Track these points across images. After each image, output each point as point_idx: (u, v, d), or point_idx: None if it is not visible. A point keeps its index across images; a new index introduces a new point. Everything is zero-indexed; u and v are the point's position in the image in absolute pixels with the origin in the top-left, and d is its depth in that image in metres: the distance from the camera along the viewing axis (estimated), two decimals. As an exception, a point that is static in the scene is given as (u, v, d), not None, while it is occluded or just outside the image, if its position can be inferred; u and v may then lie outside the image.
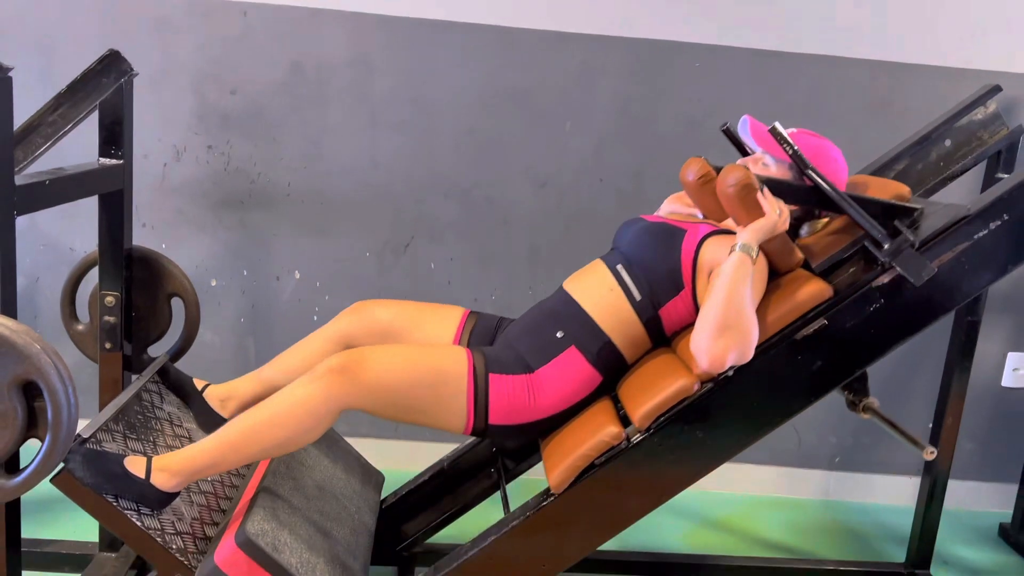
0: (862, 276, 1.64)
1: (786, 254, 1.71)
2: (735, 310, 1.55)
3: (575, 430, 1.68)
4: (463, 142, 2.69)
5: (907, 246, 1.57)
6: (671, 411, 1.61)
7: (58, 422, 1.39)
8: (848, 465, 2.96)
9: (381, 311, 1.89)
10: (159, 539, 1.56)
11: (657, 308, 1.74)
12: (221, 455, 1.59)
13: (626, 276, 1.75)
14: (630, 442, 1.62)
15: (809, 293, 1.62)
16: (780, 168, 1.76)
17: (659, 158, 2.72)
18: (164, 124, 2.63)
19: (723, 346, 1.54)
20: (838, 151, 1.79)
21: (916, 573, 2.38)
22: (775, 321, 1.62)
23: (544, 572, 1.68)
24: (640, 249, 1.77)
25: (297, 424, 1.59)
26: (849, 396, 1.78)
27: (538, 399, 1.69)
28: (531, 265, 2.78)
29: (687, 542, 2.57)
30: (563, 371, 1.70)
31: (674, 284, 1.72)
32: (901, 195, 1.73)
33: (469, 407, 1.66)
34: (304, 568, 1.59)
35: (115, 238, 1.94)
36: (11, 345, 1.36)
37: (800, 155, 1.64)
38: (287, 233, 2.71)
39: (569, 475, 1.62)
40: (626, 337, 1.74)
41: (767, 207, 1.61)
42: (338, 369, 1.59)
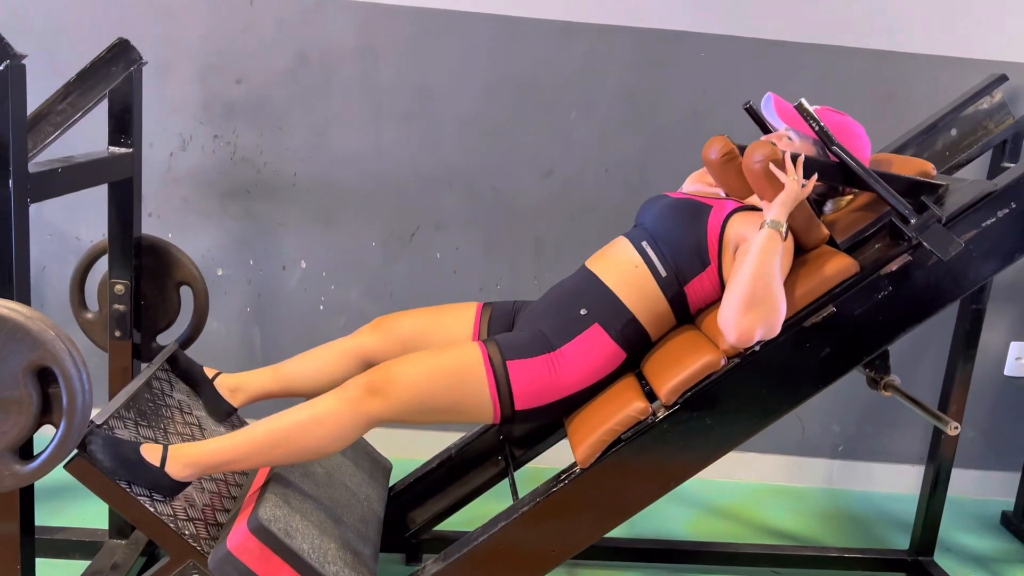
0: (888, 252, 1.65)
1: (812, 229, 1.71)
2: (764, 285, 1.55)
3: (601, 406, 1.68)
4: (468, 132, 2.69)
5: (934, 221, 1.57)
6: (698, 386, 1.62)
7: (73, 408, 1.40)
8: (851, 454, 2.97)
9: (401, 325, 1.89)
10: (172, 525, 1.57)
11: (683, 284, 1.74)
12: (244, 455, 1.61)
13: (651, 252, 1.75)
14: (656, 417, 1.63)
15: (836, 268, 1.63)
16: (805, 144, 1.77)
17: (664, 148, 2.72)
18: (170, 113, 2.63)
19: (751, 320, 1.55)
20: (862, 128, 1.79)
21: (920, 560, 2.39)
22: (803, 296, 1.63)
23: (553, 558, 1.69)
24: (665, 225, 1.77)
25: (324, 436, 1.61)
26: (870, 374, 1.79)
27: (561, 377, 1.69)
28: (536, 255, 2.78)
29: (692, 530, 2.59)
30: (587, 348, 1.70)
31: (700, 260, 1.73)
32: (925, 171, 1.73)
33: (493, 398, 1.67)
34: (316, 553, 1.60)
35: (125, 226, 1.94)
36: (26, 332, 1.37)
37: (826, 131, 1.64)
38: (293, 223, 2.72)
39: (596, 449, 1.63)
40: (650, 314, 1.74)
41: (786, 178, 1.62)
42: (368, 389, 1.61)
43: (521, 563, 1.68)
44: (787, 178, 1.62)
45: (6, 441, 1.41)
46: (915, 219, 1.59)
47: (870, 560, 2.40)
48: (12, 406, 1.40)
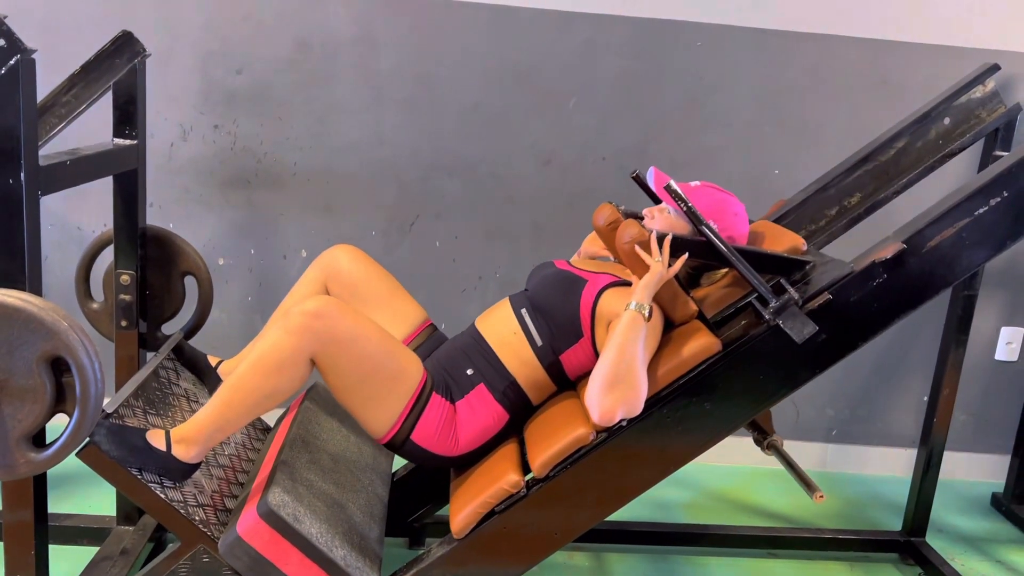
0: (752, 329, 1.68)
1: (678, 305, 1.74)
2: (625, 367, 1.59)
3: (479, 475, 1.74)
4: (468, 120, 2.71)
5: (792, 304, 1.60)
6: (568, 459, 1.66)
7: (86, 397, 1.43)
8: (845, 437, 3.02)
9: (352, 265, 1.94)
10: (182, 511, 1.60)
11: (558, 354, 1.78)
12: (222, 415, 1.62)
13: (529, 321, 1.80)
14: (529, 491, 1.67)
15: (695, 348, 1.65)
16: (682, 220, 1.79)
17: (662, 136, 2.75)
18: (170, 103, 2.65)
19: (612, 401, 1.59)
20: (741, 206, 1.83)
21: (912, 541, 2.44)
22: (663, 376, 1.66)
23: (555, 541, 1.73)
24: (543, 295, 1.81)
25: (275, 372, 1.60)
26: (754, 435, 1.86)
27: (457, 436, 1.75)
28: (535, 242, 2.81)
29: (688, 513, 2.63)
30: (475, 408, 1.76)
31: (574, 332, 1.77)
32: (795, 247, 1.77)
33: (403, 414, 1.71)
34: (323, 537, 1.63)
35: (130, 217, 1.96)
36: (39, 322, 1.40)
37: (694, 211, 1.67)
38: (294, 212, 2.74)
39: (470, 521, 1.68)
40: (529, 379, 1.79)
41: (650, 259, 1.65)
42: (311, 313, 1.61)
43: (524, 546, 1.71)
44: (652, 260, 1.65)
45: (21, 429, 1.43)
46: (773, 301, 1.62)
47: (864, 541, 2.45)
48: (26, 395, 1.42)
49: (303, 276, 1.99)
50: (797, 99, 2.75)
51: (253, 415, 1.66)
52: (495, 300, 2.82)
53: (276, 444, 1.87)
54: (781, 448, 1.89)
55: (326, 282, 1.96)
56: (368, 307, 1.94)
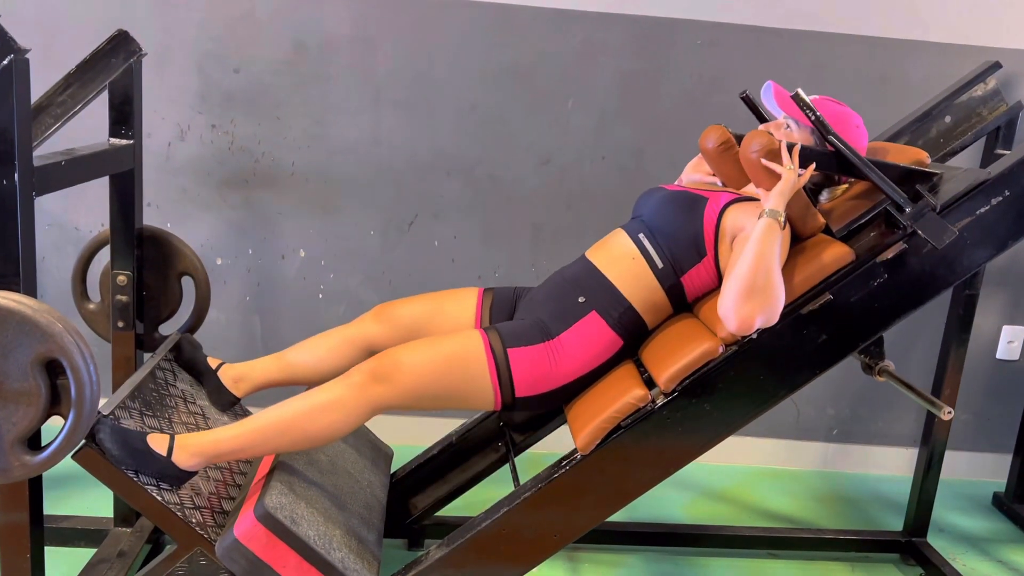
0: (883, 240, 1.67)
1: (808, 218, 1.73)
2: (764, 274, 1.57)
3: (601, 393, 1.71)
4: (466, 120, 2.70)
5: (928, 210, 1.59)
6: (696, 373, 1.64)
7: (81, 399, 1.42)
8: (845, 437, 3.01)
9: (402, 312, 1.91)
10: (179, 513, 1.59)
11: (679, 275, 1.77)
12: (250, 443, 1.63)
13: (648, 244, 1.78)
14: (655, 404, 1.65)
15: (833, 256, 1.65)
16: (802, 133, 1.79)
17: (661, 135, 2.74)
18: (167, 103, 2.64)
19: (751, 309, 1.57)
20: (859, 118, 1.81)
21: (913, 541, 2.43)
22: (800, 283, 1.65)
23: (555, 542, 1.72)
24: (662, 217, 1.79)
25: (330, 423, 1.63)
26: (865, 359, 1.82)
27: (560, 364, 1.72)
28: (534, 243, 2.80)
29: (689, 513, 2.62)
30: (585, 336, 1.73)
31: (696, 251, 1.75)
32: (920, 160, 1.75)
33: (494, 385, 1.70)
34: (322, 540, 1.62)
35: (126, 218, 1.95)
36: (34, 324, 1.39)
37: (823, 120, 1.66)
38: (292, 212, 2.73)
39: (596, 436, 1.65)
40: (647, 303, 1.77)
41: (782, 168, 1.64)
42: (373, 376, 1.64)
43: (524, 547, 1.70)
44: (784, 168, 1.64)
45: (16, 432, 1.42)
46: (910, 207, 1.61)
47: (865, 541, 2.44)
48: (21, 398, 1.41)
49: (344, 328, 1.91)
50: (797, 98, 2.73)
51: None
52: (494, 300, 2.83)
53: (274, 445, 1.86)
54: (894, 372, 1.84)
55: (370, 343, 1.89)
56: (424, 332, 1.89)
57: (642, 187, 2.57)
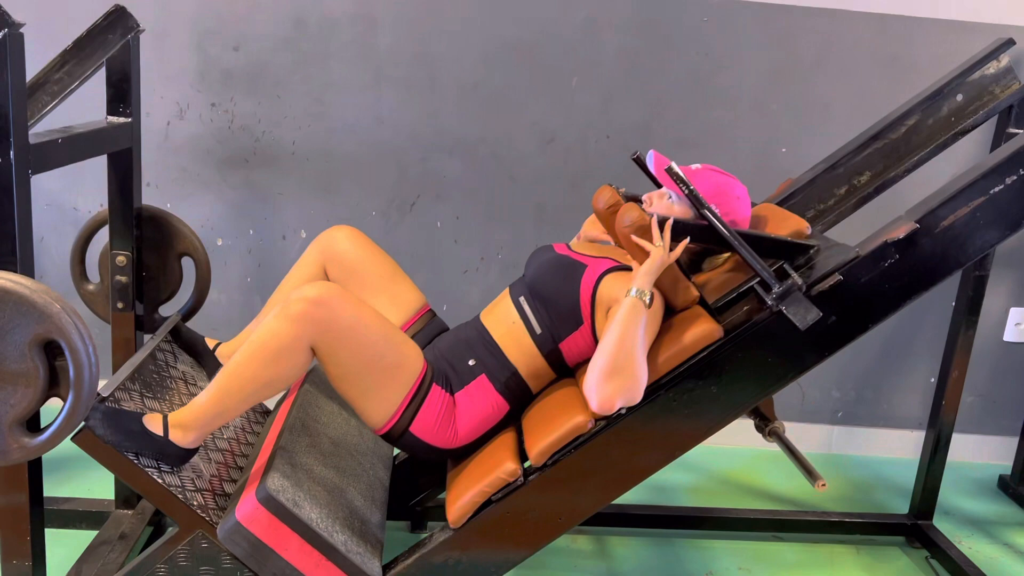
0: (755, 315, 1.65)
1: (679, 291, 1.70)
2: (625, 355, 1.56)
3: (476, 464, 1.71)
4: (468, 98, 2.66)
5: (795, 289, 1.56)
6: (567, 448, 1.64)
7: (80, 380, 1.40)
8: (850, 419, 2.99)
9: (351, 248, 1.91)
10: (180, 496, 1.58)
11: (557, 342, 1.75)
12: (220, 402, 1.59)
13: (527, 309, 1.77)
14: (527, 480, 1.65)
15: (697, 335, 1.62)
16: (682, 205, 1.75)
17: (666, 114, 2.70)
18: (166, 81, 2.60)
19: (611, 390, 1.56)
20: (743, 189, 1.79)
21: (919, 524, 2.42)
22: (664, 362, 1.62)
23: (560, 525, 1.71)
24: (542, 282, 1.77)
25: (273, 361, 1.57)
26: (756, 421, 1.83)
27: (456, 427, 1.73)
28: (537, 223, 2.77)
29: (693, 495, 2.61)
30: (475, 398, 1.74)
31: (574, 319, 1.73)
32: (799, 231, 1.72)
33: (402, 405, 1.68)
34: (324, 522, 1.61)
35: (125, 197, 1.93)
36: (32, 305, 1.36)
37: (695, 194, 1.62)
38: (292, 192, 2.70)
39: (467, 511, 1.65)
40: (530, 368, 1.76)
41: (651, 245, 1.61)
42: (311, 300, 1.57)
43: (528, 530, 1.69)
44: (653, 245, 1.61)
45: (14, 414, 1.40)
46: (776, 287, 1.58)
47: (870, 524, 2.43)
48: (19, 379, 1.39)
49: (302, 258, 1.95)
50: (805, 76, 2.70)
51: (252, 403, 1.63)
52: (497, 281, 2.80)
53: (275, 428, 1.84)
54: (783, 435, 1.86)
55: (325, 264, 1.93)
56: (367, 291, 1.91)
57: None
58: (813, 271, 1.62)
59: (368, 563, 1.64)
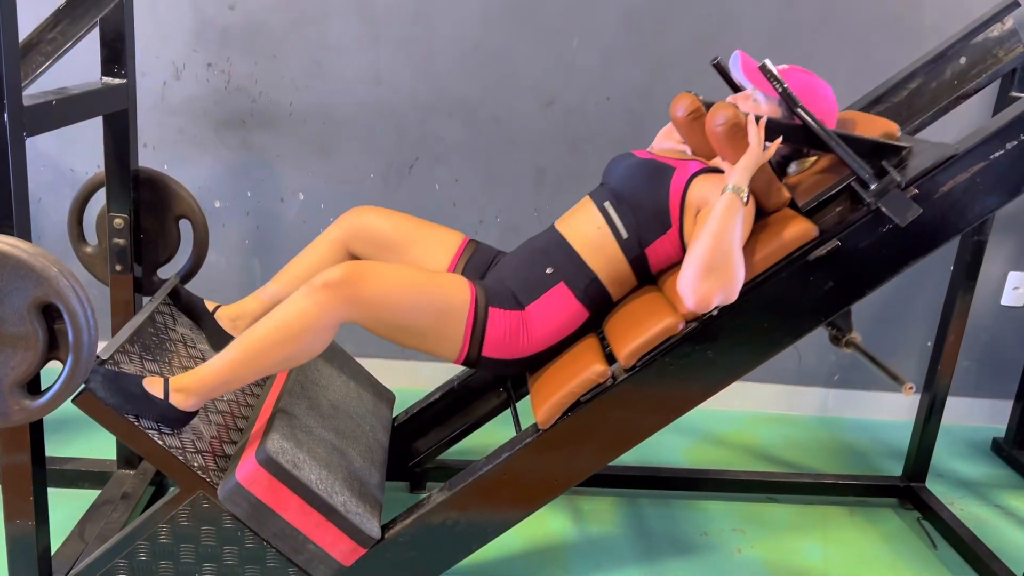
0: (848, 215, 1.64)
1: (773, 193, 1.70)
2: (723, 252, 1.54)
3: (562, 367, 1.70)
4: (468, 59, 2.63)
5: (893, 186, 1.56)
6: (656, 350, 1.63)
7: (79, 343, 1.40)
8: (847, 383, 3.01)
9: (378, 220, 1.89)
10: (181, 457, 1.59)
11: (643, 247, 1.74)
12: (232, 372, 1.60)
13: (613, 214, 1.75)
14: (615, 380, 1.65)
15: (794, 233, 1.61)
16: (770, 105, 1.73)
17: (668, 76, 2.67)
18: (162, 41, 2.57)
19: (709, 287, 1.54)
20: (829, 89, 1.77)
21: (912, 486, 2.45)
22: (761, 261, 1.62)
23: (556, 487, 1.73)
24: (628, 186, 1.76)
25: (296, 338, 1.58)
26: (832, 331, 1.82)
27: (529, 334, 1.72)
28: (537, 186, 2.76)
29: (688, 457, 2.63)
30: (552, 306, 1.72)
31: (661, 223, 1.72)
32: (889, 133, 1.71)
33: (466, 337, 1.68)
34: (323, 484, 1.63)
35: (122, 159, 1.91)
36: (29, 268, 1.36)
37: (789, 93, 1.62)
38: (290, 154, 2.68)
39: (555, 412, 1.66)
40: (612, 274, 1.75)
41: (751, 139, 1.60)
42: (336, 283, 1.58)
43: (525, 491, 1.71)
44: (753, 140, 1.60)
45: (14, 377, 1.41)
46: (874, 184, 1.57)
47: (864, 486, 2.45)
48: (18, 342, 1.40)
49: (322, 237, 1.91)
50: (807, 38, 2.67)
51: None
52: (497, 245, 2.79)
53: (275, 390, 1.85)
54: (861, 344, 1.84)
55: (348, 243, 1.90)
56: (399, 253, 1.88)
57: (650, 130, 2.53)
58: (907, 172, 1.60)
59: (367, 523, 1.66)
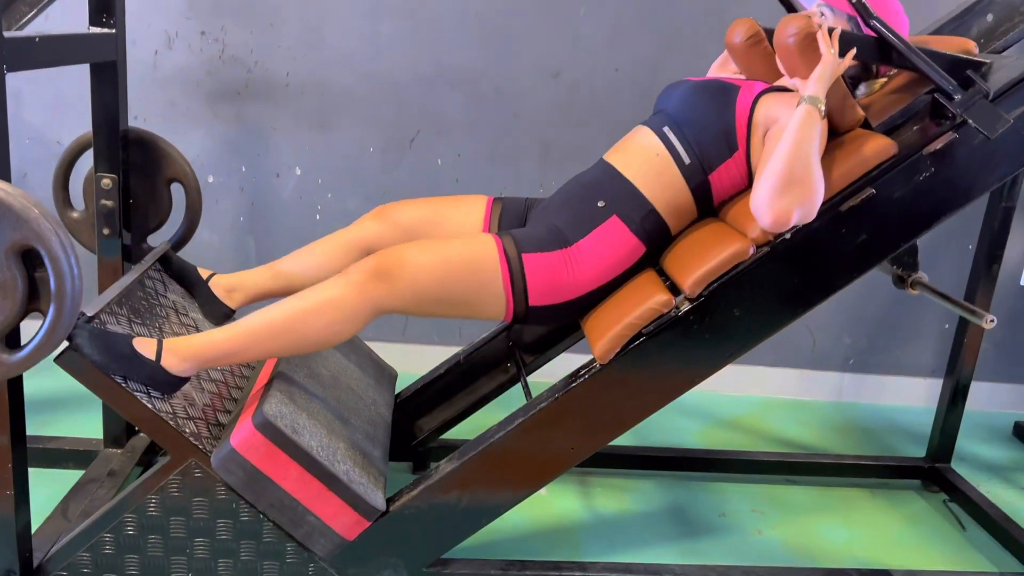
0: (928, 134, 1.55)
1: (847, 110, 1.61)
2: (802, 164, 1.45)
3: (621, 300, 1.59)
4: (470, 29, 2.54)
5: (980, 97, 1.48)
6: (725, 276, 1.53)
7: (62, 291, 1.30)
8: (862, 367, 2.92)
9: (405, 214, 1.78)
10: (172, 423, 1.48)
11: (708, 172, 1.64)
12: (242, 346, 1.50)
13: (674, 139, 1.64)
14: (679, 311, 1.54)
15: (874, 148, 1.53)
16: (838, 20, 1.66)
17: (677, 48, 2.59)
18: (153, 8, 2.47)
19: (788, 202, 1.45)
20: (899, 4, 1.69)
21: (937, 467, 2.34)
22: (840, 177, 1.53)
23: (570, 456, 1.62)
24: (690, 109, 1.66)
25: (328, 324, 1.50)
26: (897, 271, 1.72)
27: (578, 273, 1.60)
28: (542, 162, 2.67)
29: (701, 441, 2.53)
30: (605, 241, 1.61)
31: (727, 145, 1.62)
32: (968, 50, 1.63)
33: (507, 292, 1.57)
34: (325, 451, 1.52)
35: (110, 115, 1.81)
36: (7, 208, 1.26)
37: (864, 3, 1.53)
38: (287, 127, 2.59)
39: (616, 344, 1.54)
40: (672, 205, 1.64)
41: (823, 48, 1.51)
42: (375, 273, 1.50)
43: (538, 462, 1.61)
44: (826, 49, 1.51)
45: (-9, 328, 1.31)
46: (960, 95, 1.50)
47: (886, 467, 2.36)
48: (-4, 290, 1.29)
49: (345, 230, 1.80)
50: (821, 7, 2.59)
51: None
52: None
53: (271, 361, 1.75)
54: (928, 283, 1.75)
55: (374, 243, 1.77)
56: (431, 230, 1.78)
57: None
58: (991, 84, 1.52)
59: (371, 494, 1.55)
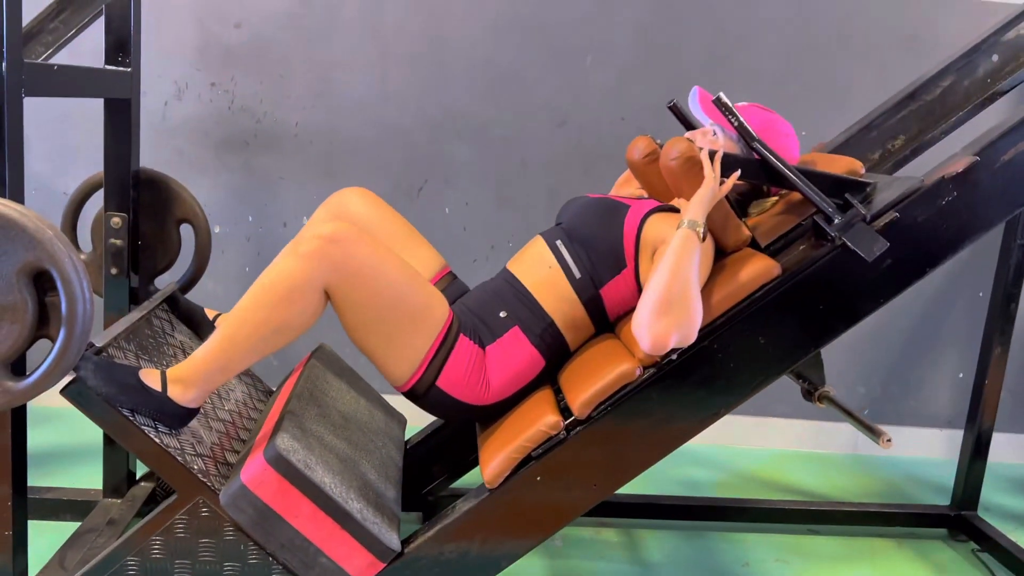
0: (811, 253, 1.55)
1: (731, 229, 1.60)
2: (680, 288, 1.44)
3: (513, 420, 1.57)
4: (478, 78, 2.57)
5: (858, 220, 1.47)
6: (612, 398, 1.51)
7: (73, 315, 1.26)
8: (877, 417, 2.86)
9: (360, 206, 1.77)
10: (179, 459, 1.42)
11: (598, 287, 1.63)
12: (224, 352, 1.45)
13: (565, 252, 1.65)
14: (569, 433, 1.51)
15: (755, 272, 1.52)
16: (728, 142, 1.68)
17: (683, 94, 2.60)
18: (164, 59, 2.50)
19: (665, 325, 1.42)
20: (789, 127, 1.72)
21: (964, 515, 2.27)
22: (720, 302, 1.51)
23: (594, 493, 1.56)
24: (581, 224, 1.67)
25: (282, 302, 1.43)
26: (804, 385, 1.71)
27: (488, 380, 1.59)
28: (550, 210, 2.66)
29: (720, 493, 2.46)
30: (508, 352, 1.60)
31: (616, 262, 1.62)
32: (854, 170, 1.65)
33: (429, 354, 1.54)
34: (338, 489, 1.46)
35: (122, 153, 1.80)
36: (21, 229, 1.23)
37: (746, 127, 1.55)
38: (294, 176, 2.58)
39: (504, 468, 1.51)
40: (568, 318, 1.63)
41: (705, 171, 1.53)
42: (329, 237, 1.44)
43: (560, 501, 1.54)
44: (707, 173, 1.53)
45: (-2, 353, 1.26)
46: (838, 218, 1.49)
47: (911, 515, 2.28)
48: (5, 313, 1.26)
49: (311, 219, 1.82)
50: (824, 56, 2.63)
51: (259, 353, 1.49)
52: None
53: (282, 398, 1.69)
54: (835, 398, 1.73)
55: None
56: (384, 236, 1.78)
57: (665, 147, 2.46)
58: (872, 206, 1.51)
59: (386, 535, 1.48)
